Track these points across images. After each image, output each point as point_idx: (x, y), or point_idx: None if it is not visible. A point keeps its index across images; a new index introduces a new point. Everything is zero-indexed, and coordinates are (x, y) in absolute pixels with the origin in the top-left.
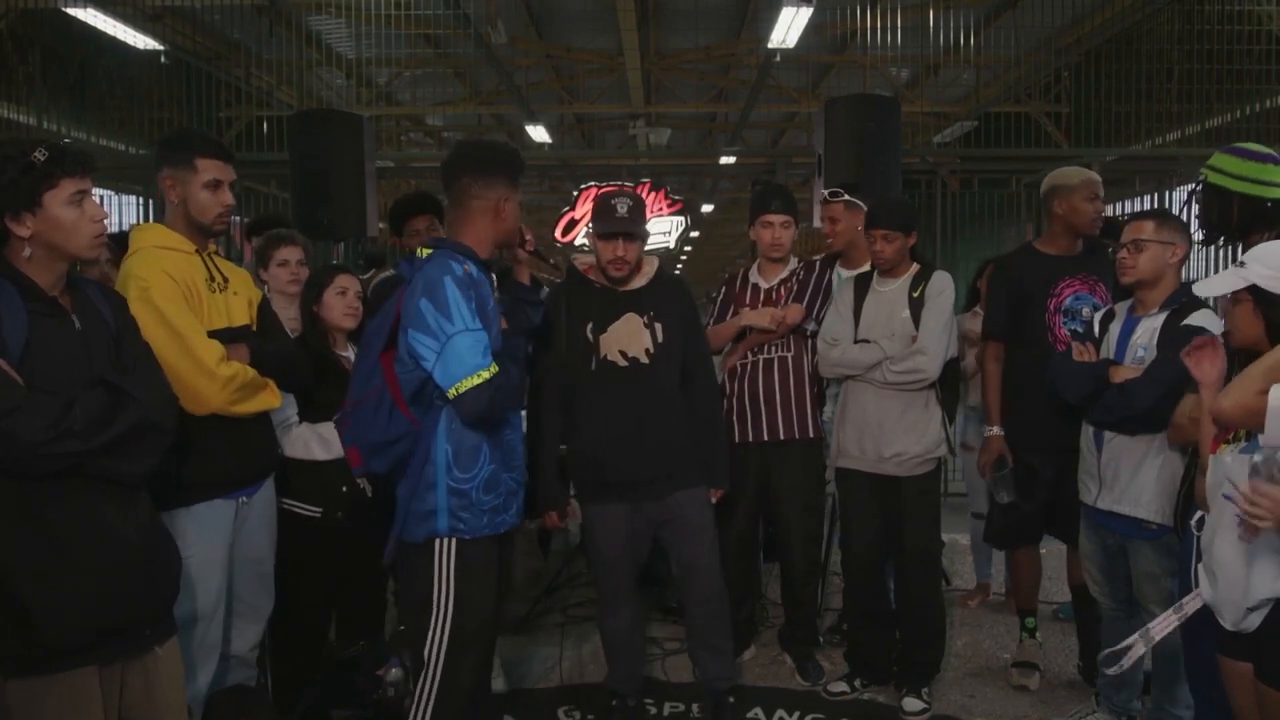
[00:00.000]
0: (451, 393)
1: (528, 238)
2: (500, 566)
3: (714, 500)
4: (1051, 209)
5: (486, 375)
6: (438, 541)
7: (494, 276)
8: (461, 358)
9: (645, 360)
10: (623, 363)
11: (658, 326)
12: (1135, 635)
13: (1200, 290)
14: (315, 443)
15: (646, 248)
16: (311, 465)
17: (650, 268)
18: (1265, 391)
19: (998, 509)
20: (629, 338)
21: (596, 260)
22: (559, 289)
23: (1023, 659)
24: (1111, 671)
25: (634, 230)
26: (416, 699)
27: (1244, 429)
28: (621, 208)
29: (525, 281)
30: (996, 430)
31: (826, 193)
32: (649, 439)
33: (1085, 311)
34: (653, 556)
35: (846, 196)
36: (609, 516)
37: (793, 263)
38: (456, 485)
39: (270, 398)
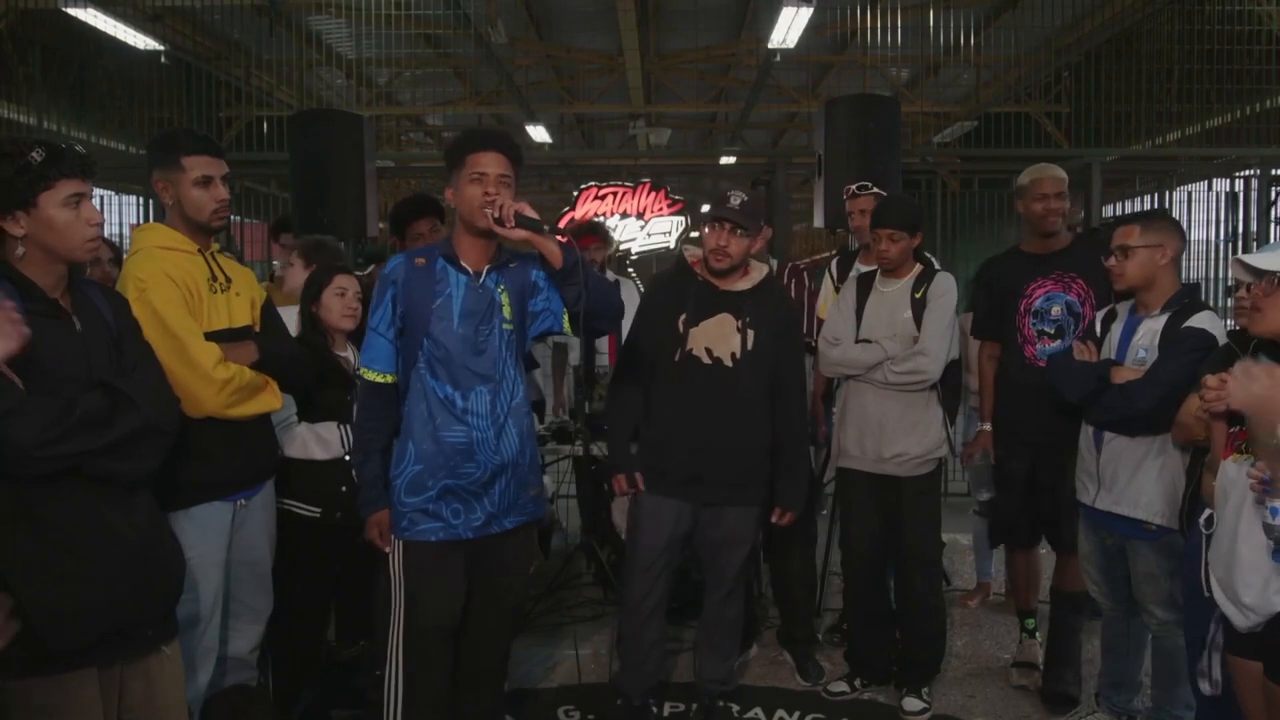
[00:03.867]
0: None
1: (495, 215)
2: (475, 577)
3: (781, 521)
4: (1020, 211)
5: (368, 375)
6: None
7: (482, 271)
8: (366, 348)
9: (729, 364)
10: (706, 360)
11: (750, 333)
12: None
13: (1253, 260)
14: (314, 443)
15: (648, 247)
16: (310, 465)
17: (757, 274)
18: None
19: (987, 507)
20: (718, 337)
21: (703, 251)
22: (662, 276)
23: (1023, 659)
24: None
25: (741, 221)
26: (385, 697)
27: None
28: (735, 200)
29: (554, 261)
30: (986, 427)
31: (854, 186)
32: (717, 442)
33: (1055, 311)
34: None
35: (874, 189)
36: (661, 509)
37: (766, 269)
38: (391, 481)
39: (271, 399)
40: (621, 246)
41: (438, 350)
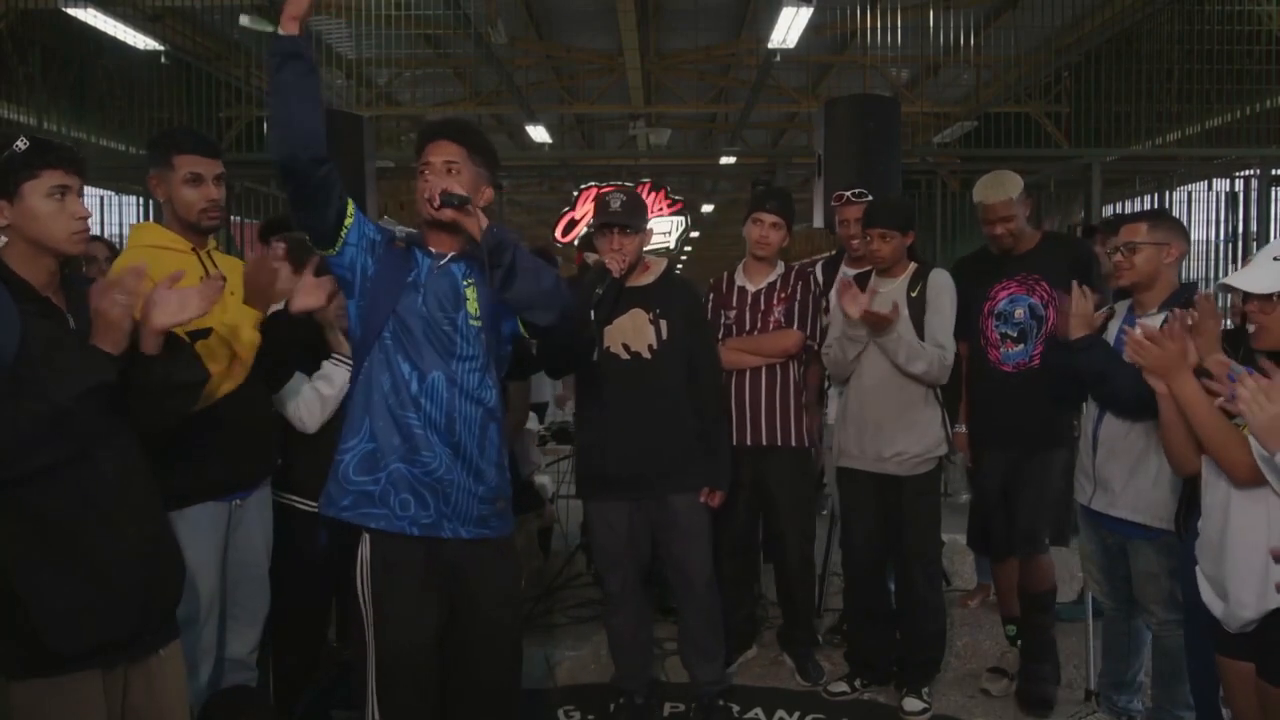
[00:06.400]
0: None
1: (426, 196)
2: (448, 585)
3: (712, 503)
4: None
5: None
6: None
7: (446, 255)
8: None
9: (648, 356)
10: (625, 356)
11: (662, 324)
12: None
13: (1240, 282)
14: (317, 402)
15: (649, 247)
16: (311, 460)
17: (658, 267)
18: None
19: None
20: (633, 332)
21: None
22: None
23: (998, 665)
24: None
25: (628, 222)
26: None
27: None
28: (615, 203)
29: (477, 239)
30: (960, 429)
31: (849, 194)
32: (648, 435)
33: (1018, 314)
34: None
35: (870, 196)
36: (610, 512)
37: (779, 267)
38: (338, 454)
39: (237, 376)
40: None
41: (400, 326)
